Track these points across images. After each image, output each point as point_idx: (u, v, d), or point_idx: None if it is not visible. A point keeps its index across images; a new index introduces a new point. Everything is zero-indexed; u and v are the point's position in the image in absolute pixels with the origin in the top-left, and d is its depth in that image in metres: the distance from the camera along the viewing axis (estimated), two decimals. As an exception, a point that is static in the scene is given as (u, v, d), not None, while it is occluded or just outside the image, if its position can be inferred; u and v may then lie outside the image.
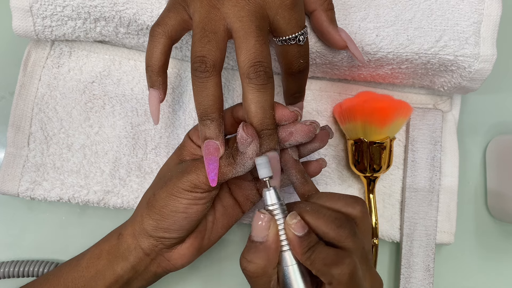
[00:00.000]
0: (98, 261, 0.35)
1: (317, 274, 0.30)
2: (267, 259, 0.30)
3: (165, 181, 0.34)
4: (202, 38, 0.31)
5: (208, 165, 0.31)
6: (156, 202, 0.33)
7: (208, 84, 0.31)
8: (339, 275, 0.29)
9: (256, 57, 0.31)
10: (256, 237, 0.30)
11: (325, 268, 0.29)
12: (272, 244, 0.30)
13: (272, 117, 0.32)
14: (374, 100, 0.41)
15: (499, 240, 0.47)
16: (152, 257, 0.35)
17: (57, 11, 0.38)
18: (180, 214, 0.33)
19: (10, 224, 0.44)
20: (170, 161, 0.37)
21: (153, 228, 0.34)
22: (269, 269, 0.30)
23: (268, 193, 0.31)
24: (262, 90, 0.31)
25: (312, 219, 0.30)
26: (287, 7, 0.32)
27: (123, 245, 0.35)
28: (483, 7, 0.39)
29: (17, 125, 0.42)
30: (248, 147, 0.31)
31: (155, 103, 0.35)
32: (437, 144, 0.44)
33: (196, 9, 0.32)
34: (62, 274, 0.35)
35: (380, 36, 0.38)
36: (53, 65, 0.43)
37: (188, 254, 0.36)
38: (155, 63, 0.33)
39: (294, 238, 0.30)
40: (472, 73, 0.39)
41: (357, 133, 0.42)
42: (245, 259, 0.30)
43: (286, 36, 0.33)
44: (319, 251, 0.29)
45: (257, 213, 0.30)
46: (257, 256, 0.30)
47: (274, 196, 0.31)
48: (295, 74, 0.35)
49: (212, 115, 0.31)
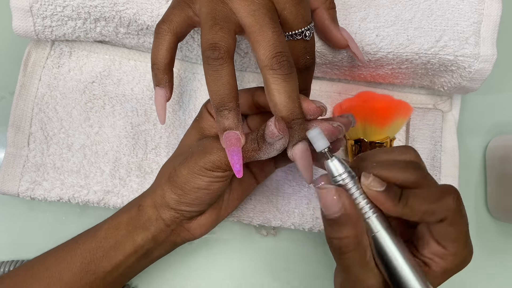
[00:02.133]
0: (117, 231, 0.35)
1: (423, 217, 0.28)
2: (355, 228, 0.28)
3: (186, 157, 0.34)
4: (214, 26, 0.30)
5: (232, 156, 0.31)
6: (177, 178, 0.33)
7: (223, 72, 0.30)
8: (452, 204, 0.27)
9: (276, 47, 0.30)
10: (332, 214, 0.28)
11: (433, 206, 0.27)
12: (353, 211, 0.28)
13: (300, 106, 0.31)
14: (374, 100, 0.41)
15: (499, 240, 0.47)
16: (173, 228, 0.35)
17: (57, 11, 0.38)
18: (202, 191, 0.33)
19: (10, 224, 0.44)
20: (191, 134, 0.36)
21: (175, 202, 0.34)
22: (362, 237, 0.28)
23: (331, 164, 0.29)
24: (288, 80, 0.30)
25: (386, 172, 0.28)
26: (294, 2, 0.32)
27: (144, 216, 0.35)
28: (483, 7, 0.39)
29: (17, 125, 0.42)
30: (278, 142, 0.30)
31: (162, 101, 0.34)
32: (437, 144, 0.44)
33: (203, 4, 0.31)
34: (78, 245, 0.35)
35: (380, 36, 0.38)
36: (53, 65, 0.43)
37: (207, 225, 0.36)
38: (161, 60, 0.33)
39: (379, 195, 0.28)
40: (472, 73, 0.39)
41: (357, 133, 0.42)
42: (333, 239, 0.28)
43: (293, 31, 0.33)
44: (414, 195, 0.28)
45: (319, 190, 0.28)
46: (344, 230, 0.28)
47: (339, 165, 0.29)
48: (302, 70, 0.35)
49: (230, 105, 0.30)
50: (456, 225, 0.28)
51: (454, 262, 0.29)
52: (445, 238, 0.28)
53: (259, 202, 0.42)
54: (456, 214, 0.28)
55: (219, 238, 0.45)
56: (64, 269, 0.34)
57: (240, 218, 0.43)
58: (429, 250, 0.29)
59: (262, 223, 0.43)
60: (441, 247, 0.28)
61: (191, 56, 0.43)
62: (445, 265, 0.28)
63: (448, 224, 0.28)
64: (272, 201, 0.43)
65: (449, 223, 0.28)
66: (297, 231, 0.44)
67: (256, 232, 0.45)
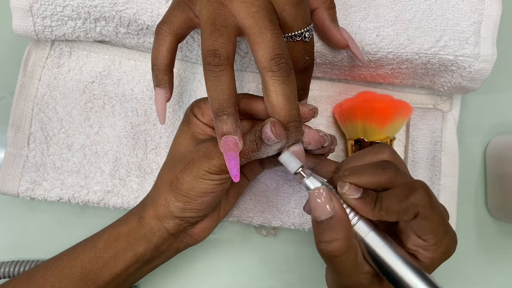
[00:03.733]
0: (117, 242, 0.35)
1: (399, 217, 0.29)
2: (346, 230, 0.29)
3: (186, 163, 0.34)
4: (214, 32, 0.31)
5: (229, 161, 0.31)
6: (181, 185, 0.33)
7: (223, 78, 0.30)
8: (420, 199, 0.28)
9: (275, 50, 0.30)
10: (322, 215, 0.29)
11: (403, 204, 0.28)
12: (343, 214, 0.29)
13: (297, 109, 0.32)
14: (374, 100, 0.41)
15: (499, 240, 0.47)
16: (176, 235, 0.36)
17: (57, 11, 0.38)
18: (208, 195, 0.34)
19: (10, 224, 0.44)
20: (183, 140, 0.36)
21: (181, 210, 0.34)
22: (352, 240, 0.29)
23: (308, 181, 0.31)
24: (286, 82, 0.31)
25: (357, 178, 0.30)
26: (294, 3, 0.32)
27: (145, 228, 0.35)
28: (483, 7, 0.39)
29: (17, 125, 0.42)
30: (275, 144, 0.31)
31: (162, 102, 0.34)
32: (437, 144, 0.44)
33: (203, 6, 0.32)
34: (77, 255, 0.35)
35: (380, 36, 0.38)
36: (53, 65, 0.43)
37: (209, 227, 0.37)
38: (161, 61, 0.33)
39: (356, 202, 0.29)
40: (472, 73, 0.39)
41: (357, 133, 0.42)
42: (323, 242, 0.29)
43: (292, 32, 0.33)
44: (386, 197, 0.29)
45: (311, 193, 0.30)
46: (334, 232, 0.29)
47: (315, 180, 0.31)
48: (301, 71, 0.35)
49: (229, 110, 0.31)
50: (429, 219, 0.29)
51: (439, 251, 0.29)
52: (423, 232, 0.29)
53: (259, 202, 0.42)
54: (426, 209, 0.28)
55: (219, 239, 0.45)
56: (65, 278, 0.34)
57: (240, 218, 0.43)
58: (412, 243, 0.30)
59: (262, 223, 0.43)
60: (421, 240, 0.29)
61: (191, 56, 0.43)
62: (431, 255, 0.29)
63: (422, 219, 0.28)
64: (272, 201, 0.43)
65: (422, 217, 0.28)
66: (297, 231, 0.44)
67: (256, 232, 0.45)
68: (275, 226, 0.44)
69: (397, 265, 0.29)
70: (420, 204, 0.28)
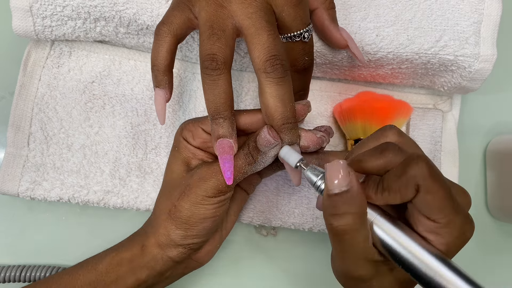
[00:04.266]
0: (119, 267, 0.35)
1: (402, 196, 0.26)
2: (360, 206, 0.27)
3: (183, 190, 0.33)
4: (211, 36, 0.31)
5: (224, 163, 0.31)
6: (180, 213, 0.33)
7: (220, 82, 0.31)
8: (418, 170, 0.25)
9: (270, 51, 0.31)
10: (338, 188, 0.27)
11: (403, 179, 0.26)
12: (359, 189, 0.27)
13: (293, 110, 0.31)
14: (374, 100, 0.41)
15: (499, 240, 0.47)
16: (181, 263, 0.35)
17: (57, 11, 0.38)
18: (208, 220, 0.33)
19: (10, 224, 0.44)
20: (175, 166, 0.36)
21: (182, 238, 0.34)
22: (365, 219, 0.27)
23: (309, 172, 0.30)
24: (281, 83, 0.31)
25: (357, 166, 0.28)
26: (293, 4, 0.32)
27: (148, 256, 0.35)
28: (483, 7, 0.39)
29: (17, 125, 0.42)
30: (272, 149, 0.31)
31: (161, 102, 0.34)
32: (437, 144, 0.44)
33: (202, 7, 0.32)
34: (78, 276, 0.35)
35: (380, 36, 0.38)
36: (53, 65, 0.43)
37: (213, 249, 0.37)
38: (161, 62, 0.33)
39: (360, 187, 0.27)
40: (472, 73, 0.39)
41: (357, 133, 0.42)
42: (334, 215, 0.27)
43: (291, 33, 0.33)
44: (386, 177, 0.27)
45: (329, 165, 0.27)
46: (348, 206, 0.27)
47: (316, 171, 0.30)
48: (300, 71, 0.35)
49: (225, 113, 0.31)
50: (432, 191, 0.25)
51: (453, 235, 0.26)
52: (430, 209, 0.26)
53: (259, 202, 0.42)
54: (427, 180, 0.25)
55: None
56: None
57: (240, 218, 0.43)
58: (423, 228, 0.27)
59: (262, 223, 0.43)
60: (431, 221, 0.26)
61: (191, 56, 0.43)
62: (445, 240, 0.26)
63: (425, 192, 0.26)
64: (272, 201, 0.43)
65: (425, 191, 0.25)
66: (297, 231, 0.44)
67: (256, 232, 0.45)
68: (275, 226, 0.44)
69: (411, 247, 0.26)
70: (419, 175, 0.25)
